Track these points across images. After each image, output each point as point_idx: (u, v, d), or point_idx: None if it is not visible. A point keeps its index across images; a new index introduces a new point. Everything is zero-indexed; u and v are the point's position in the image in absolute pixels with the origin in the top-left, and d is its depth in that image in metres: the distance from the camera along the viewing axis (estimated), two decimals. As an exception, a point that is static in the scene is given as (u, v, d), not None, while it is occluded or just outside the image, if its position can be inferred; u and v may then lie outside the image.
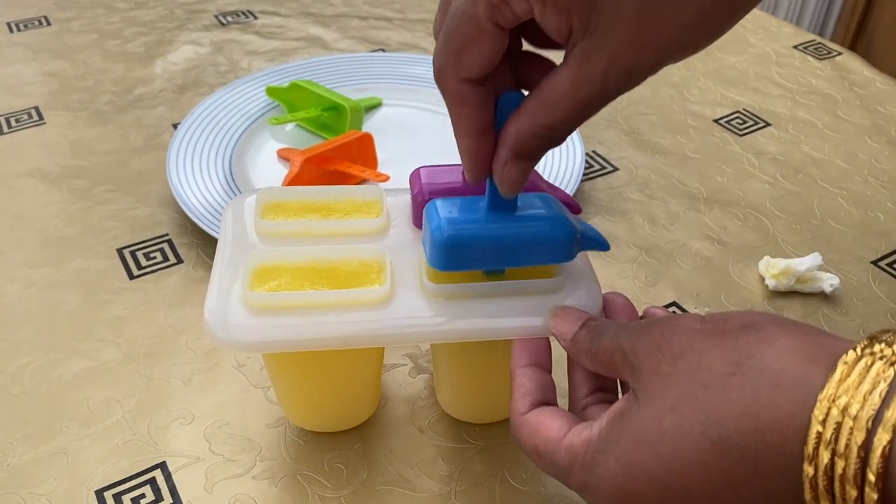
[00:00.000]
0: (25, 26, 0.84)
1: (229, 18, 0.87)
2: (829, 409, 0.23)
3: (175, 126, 0.69)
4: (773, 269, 0.53)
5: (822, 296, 0.53)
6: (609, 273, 0.54)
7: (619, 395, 0.35)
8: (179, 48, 0.81)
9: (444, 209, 0.35)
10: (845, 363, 0.24)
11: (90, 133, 0.68)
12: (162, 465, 0.42)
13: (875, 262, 0.56)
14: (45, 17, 0.86)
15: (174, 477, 0.41)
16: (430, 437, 0.44)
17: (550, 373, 0.35)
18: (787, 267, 0.52)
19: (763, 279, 0.54)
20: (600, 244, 0.37)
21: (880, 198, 0.62)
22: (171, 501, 0.40)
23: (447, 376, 0.42)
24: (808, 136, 0.69)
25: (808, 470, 0.24)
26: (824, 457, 0.23)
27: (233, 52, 0.81)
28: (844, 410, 0.23)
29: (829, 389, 0.24)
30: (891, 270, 0.55)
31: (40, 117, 0.70)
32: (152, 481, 0.41)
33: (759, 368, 0.26)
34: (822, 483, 0.23)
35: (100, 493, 0.40)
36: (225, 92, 0.69)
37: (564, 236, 0.35)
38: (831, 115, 0.72)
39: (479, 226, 0.34)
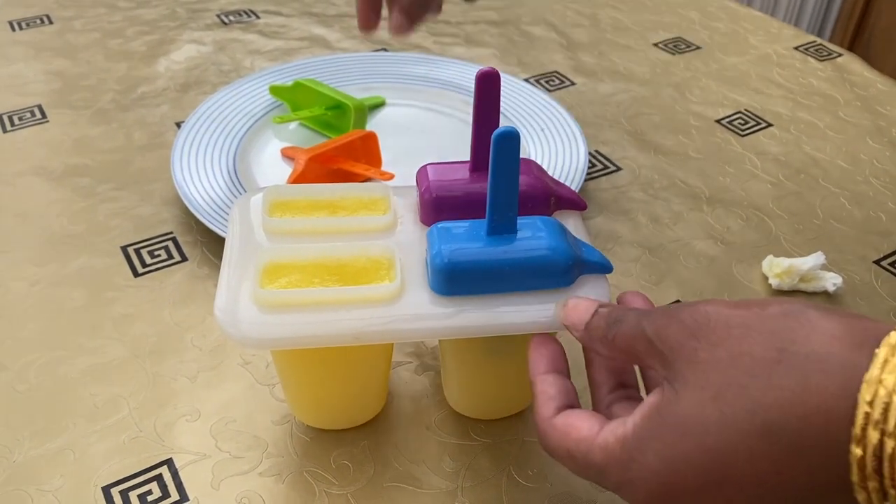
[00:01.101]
0: (27, 25, 0.84)
1: (231, 18, 0.87)
2: (877, 389, 0.24)
3: (178, 125, 0.69)
4: (776, 268, 0.53)
5: (826, 295, 0.53)
6: (613, 272, 0.54)
7: (640, 383, 0.35)
8: (182, 47, 0.81)
9: (443, 235, 0.36)
10: (889, 345, 0.24)
11: (93, 131, 0.68)
12: (168, 462, 0.42)
13: (877, 262, 0.56)
14: (47, 16, 0.86)
15: (181, 473, 0.41)
16: (437, 434, 0.44)
17: (569, 378, 0.34)
18: (790, 266, 0.53)
19: (766, 278, 0.54)
20: (602, 267, 0.37)
21: (882, 198, 0.62)
22: (178, 498, 0.40)
23: (455, 373, 0.42)
24: (809, 136, 0.70)
25: (857, 451, 0.24)
26: (873, 437, 0.23)
27: (235, 51, 0.81)
28: (893, 391, 0.23)
29: (874, 371, 0.24)
30: (893, 270, 0.55)
31: (43, 115, 0.70)
32: (159, 478, 0.41)
33: (804, 354, 0.26)
34: (870, 464, 0.24)
35: (107, 490, 0.40)
36: (228, 90, 0.69)
37: (562, 263, 0.35)
38: (832, 116, 0.72)
39: (477, 252, 0.35)
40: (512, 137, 0.32)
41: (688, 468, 0.27)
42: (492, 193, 0.34)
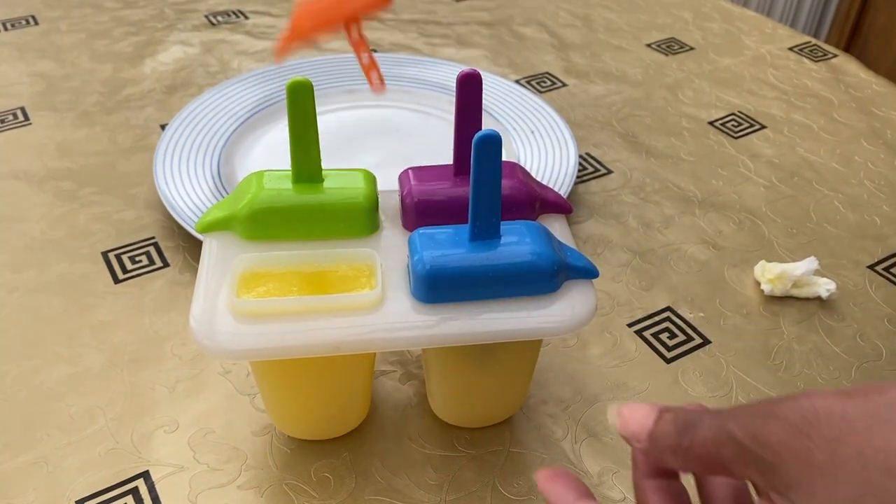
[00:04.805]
0: (13, 25, 0.83)
1: (220, 18, 0.86)
2: None
3: (163, 127, 0.68)
4: (768, 273, 0.52)
5: (819, 301, 0.52)
6: (603, 277, 0.53)
7: None
8: (169, 48, 0.80)
9: (425, 241, 0.35)
10: None
11: (77, 134, 0.67)
12: (145, 475, 0.41)
13: (871, 267, 0.55)
14: (33, 17, 0.85)
15: (157, 487, 0.40)
16: (420, 446, 0.43)
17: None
18: (782, 272, 0.52)
19: (759, 284, 0.53)
20: (587, 272, 0.36)
21: (876, 201, 0.61)
22: (155, 512, 0.39)
23: (439, 381, 0.41)
24: (803, 138, 0.69)
25: None
26: None
27: (223, 52, 0.80)
28: None
29: None
30: (887, 275, 0.54)
31: (26, 118, 0.69)
32: (135, 491, 0.40)
33: None
34: None
35: (81, 504, 0.39)
36: (214, 93, 0.68)
37: (547, 269, 0.35)
38: (827, 118, 0.71)
39: (459, 259, 0.34)
40: (493, 141, 0.31)
41: None
42: (474, 198, 0.34)
